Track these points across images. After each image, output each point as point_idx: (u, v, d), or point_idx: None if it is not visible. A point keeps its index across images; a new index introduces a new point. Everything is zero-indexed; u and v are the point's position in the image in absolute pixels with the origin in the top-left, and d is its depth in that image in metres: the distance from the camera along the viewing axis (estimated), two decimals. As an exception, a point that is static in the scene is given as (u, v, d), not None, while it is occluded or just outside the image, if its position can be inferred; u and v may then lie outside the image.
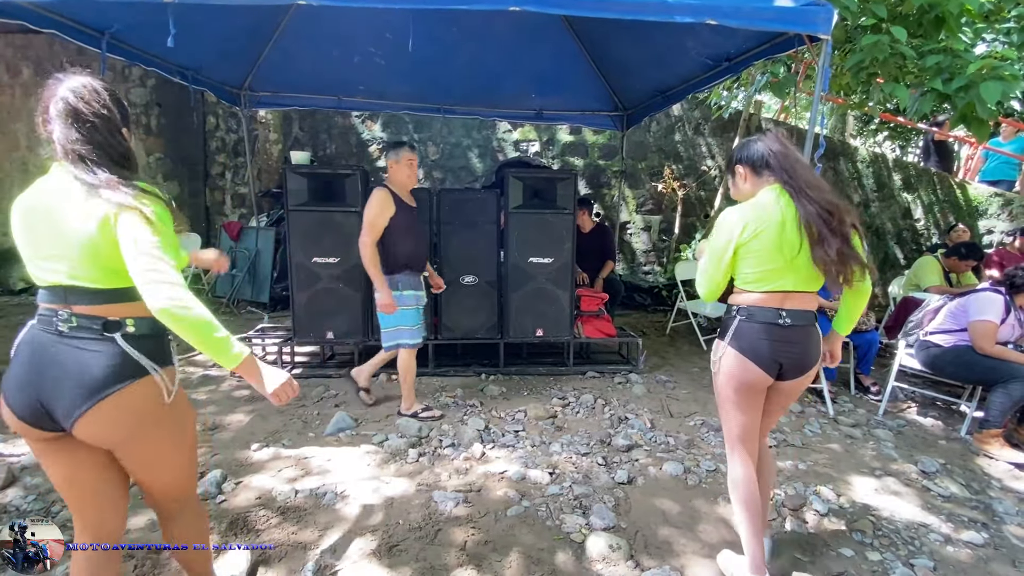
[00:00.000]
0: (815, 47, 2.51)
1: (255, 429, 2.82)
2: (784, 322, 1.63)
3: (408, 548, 1.93)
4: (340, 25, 3.88)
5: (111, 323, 1.19)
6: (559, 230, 3.73)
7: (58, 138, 1.18)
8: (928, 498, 2.43)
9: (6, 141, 6.07)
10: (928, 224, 6.89)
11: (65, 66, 1.28)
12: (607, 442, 2.80)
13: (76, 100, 1.17)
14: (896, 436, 3.07)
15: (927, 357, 3.25)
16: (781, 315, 1.63)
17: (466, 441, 2.74)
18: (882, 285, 6.49)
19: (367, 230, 2.83)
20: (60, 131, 1.18)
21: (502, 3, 2.23)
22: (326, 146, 6.75)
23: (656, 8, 2.26)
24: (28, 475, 2.30)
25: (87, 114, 1.18)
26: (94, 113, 1.19)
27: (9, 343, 1.25)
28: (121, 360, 1.18)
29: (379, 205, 2.83)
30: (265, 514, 2.09)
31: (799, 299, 1.65)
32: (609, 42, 4.06)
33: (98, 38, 2.94)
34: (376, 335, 3.74)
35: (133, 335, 1.21)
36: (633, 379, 3.72)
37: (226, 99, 4.44)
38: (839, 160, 6.84)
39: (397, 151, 2.92)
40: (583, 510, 2.19)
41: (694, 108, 6.76)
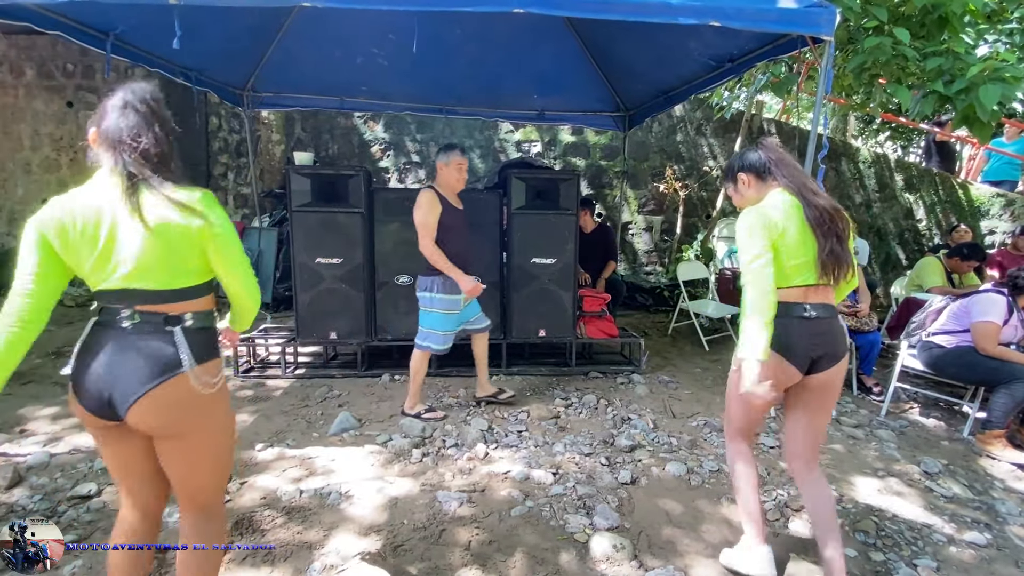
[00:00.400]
0: (818, 48, 2.52)
1: (259, 429, 2.83)
2: (810, 315, 1.67)
3: (413, 548, 1.94)
4: (343, 26, 3.89)
5: (171, 318, 1.27)
6: (562, 231, 3.74)
7: (119, 143, 1.22)
8: (931, 499, 2.43)
9: (10, 141, 6.08)
10: (930, 225, 6.89)
11: (68, 67, 1.31)
12: (610, 442, 2.81)
13: (143, 105, 1.25)
14: (898, 437, 3.08)
15: (929, 358, 3.25)
16: (806, 308, 1.67)
17: (469, 441, 2.75)
18: (884, 286, 6.49)
19: (422, 232, 2.84)
20: (124, 135, 1.22)
21: (505, 5, 2.24)
22: (328, 147, 6.76)
23: (659, 10, 2.27)
24: (34, 475, 2.31)
25: (152, 119, 1.26)
26: (159, 120, 1.28)
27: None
28: (175, 351, 1.25)
29: (427, 205, 2.83)
30: (270, 514, 2.10)
31: (820, 292, 1.70)
32: (611, 43, 4.07)
33: (103, 39, 2.94)
34: (378, 335, 3.76)
35: (191, 328, 1.28)
36: (636, 380, 3.72)
37: (229, 100, 4.45)
38: (841, 160, 6.85)
39: (447, 153, 2.91)
40: (587, 510, 2.20)
41: (696, 109, 6.77)
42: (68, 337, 4.28)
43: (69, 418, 2.88)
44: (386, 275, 3.69)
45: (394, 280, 3.69)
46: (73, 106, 6.07)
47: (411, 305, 3.73)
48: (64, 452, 2.52)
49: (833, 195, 6.77)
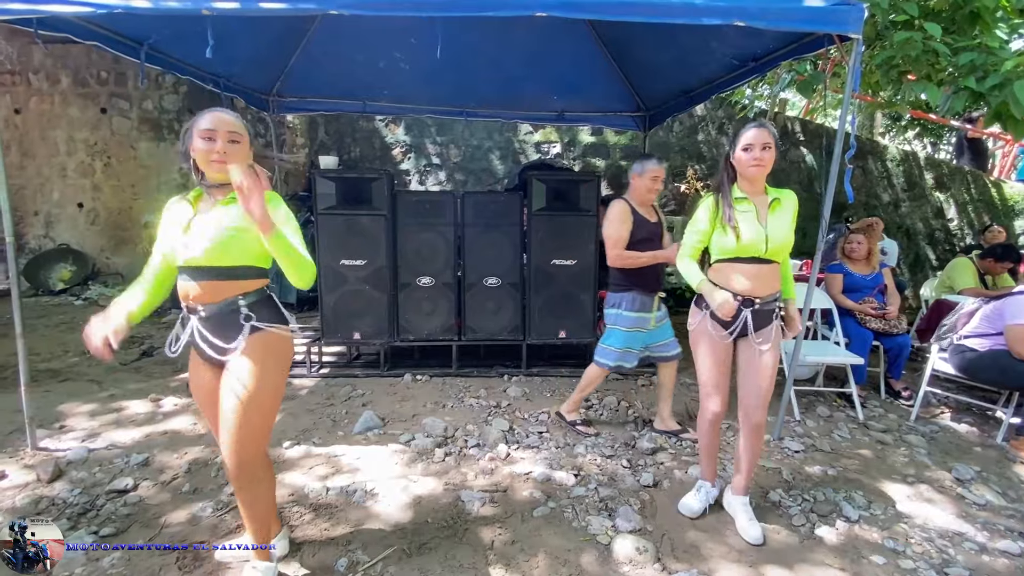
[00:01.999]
0: (845, 46, 2.47)
1: (286, 427, 2.90)
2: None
3: (437, 547, 1.96)
4: (366, 31, 3.95)
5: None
6: (582, 232, 3.74)
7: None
8: (963, 506, 2.37)
9: (47, 147, 6.31)
10: (962, 224, 6.70)
11: (101, 75, 1.42)
12: (631, 445, 2.80)
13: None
14: (929, 442, 3.01)
15: (962, 361, 3.17)
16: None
17: (491, 441, 2.77)
18: (913, 287, 6.33)
19: (610, 244, 2.72)
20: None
21: (527, 9, 2.26)
22: (351, 149, 6.86)
23: (683, 11, 2.26)
24: (74, 469, 2.40)
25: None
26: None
27: (56, 341, 1.32)
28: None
29: (617, 218, 2.72)
30: (299, 510, 2.15)
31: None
32: (632, 43, 4.05)
33: (137, 48, 3.04)
34: (401, 336, 3.81)
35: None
36: (656, 382, 3.69)
37: (255, 105, 4.55)
38: (868, 159, 6.70)
39: (643, 164, 2.76)
40: (609, 512, 2.20)
41: (718, 107, 6.70)
42: (102, 336, 4.42)
43: (106, 414, 2.99)
44: (408, 276, 3.73)
45: (416, 281, 3.74)
46: (106, 112, 6.28)
47: (432, 306, 3.79)
48: (102, 447, 2.61)
49: (859, 194, 6.63)
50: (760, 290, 1.97)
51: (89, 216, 6.41)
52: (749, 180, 1.99)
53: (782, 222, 1.98)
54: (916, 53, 3.02)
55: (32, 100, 6.25)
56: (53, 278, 6.21)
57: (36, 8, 2.19)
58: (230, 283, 1.56)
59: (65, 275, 6.23)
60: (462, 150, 6.85)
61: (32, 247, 6.37)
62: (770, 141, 1.91)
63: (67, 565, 1.80)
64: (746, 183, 2.01)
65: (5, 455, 2.50)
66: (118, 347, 1.54)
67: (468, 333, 3.85)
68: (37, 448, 2.56)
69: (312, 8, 2.22)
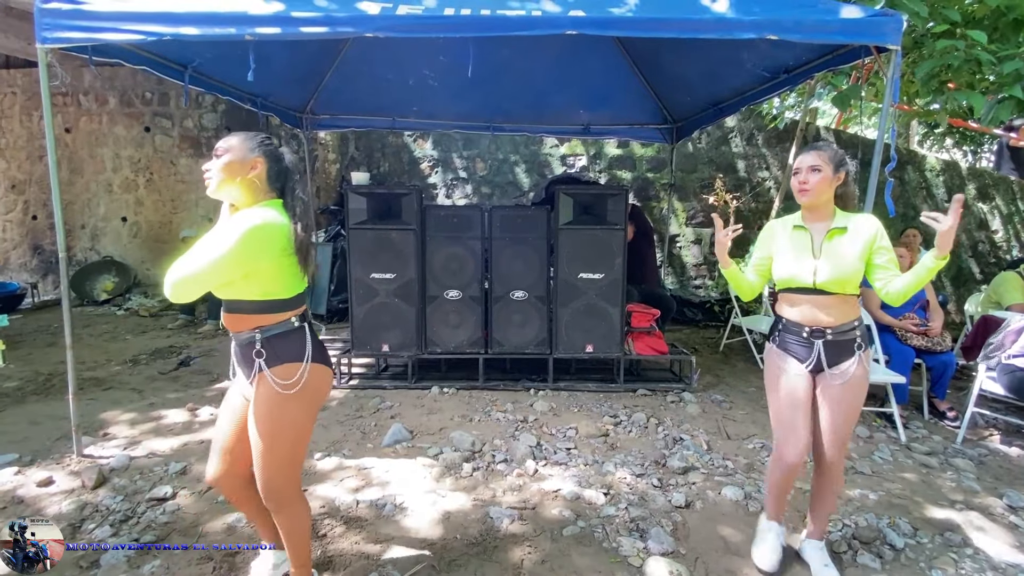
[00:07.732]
0: (883, 57, 2.42)
1: (317, 439, 2.94)
2: None
3: (467, 564, 1.96)
4: (396, 50, 4.05)
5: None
6: (610, 246, 3.72)
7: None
8: (1017, 535, 2.25)
9: (94, 164, 6.63)
10: (1007, 236, 6.43)
11: (145, 95, 1.52)
12: (662, 463, 2.75)
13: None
14: (978, 466, 2.87)
15: (1012, 381, 3.02)
16: None
17: (519, 457, 2.76)
18: (956, 302, 6.09)
19: None
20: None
21: (559, 28, 2.28)
22: (380, 164, 7.00)
23: (714, 26, 2.26)
24: (116, 476, 2.48)
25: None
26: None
27: (100, 350, 1.37)
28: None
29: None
30: (330, 523, 2.17)
31: None
32: (660, 56, 4.05)
33: (182, 71, 3.19)
34: (428, 348, 3.83)
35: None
36: (687, 398, 3.63)
37: (290, 122, 4.70)
38: (905, 169, 6.51)
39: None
40: (640, 533, 2.16)
41: (747, 118, 6.61)
42: (143, 346, 4.58)
43: (147, 423, 3.09)
44: (436, 290, 3.77)
45: (444, 294, 3.77)
46: (150, 131, 6.57)
47: (460, 319, 3.81)
48: (142, 456, 2.70)
49: (897, 205, 6.43)
50: (826, 320, 1.84)
51: (132, 229, 6.69)
52: (804, 207, 1.91)
53: (842, 252, 1.81)
54: (958, 62, 2.93)
55: (81, 120, 6.59)
56: (97, 289, 6.48)
57: (93, 37, 2.32)
58: (243, 316, 1.53)
59: (108, 286, 6.50)
60: (488, 163, 6.92)
61: (79, 259, 6.67)
62: (819, 163, 1.80)
63: (109, 571, 1.86)
64: (804, 209, 1.93)
65: (52, 461, 2.61)
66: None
67: (495, 346, 3.85)
68: (82, 455, 2.66)
69: (350, 32, 2.29)
